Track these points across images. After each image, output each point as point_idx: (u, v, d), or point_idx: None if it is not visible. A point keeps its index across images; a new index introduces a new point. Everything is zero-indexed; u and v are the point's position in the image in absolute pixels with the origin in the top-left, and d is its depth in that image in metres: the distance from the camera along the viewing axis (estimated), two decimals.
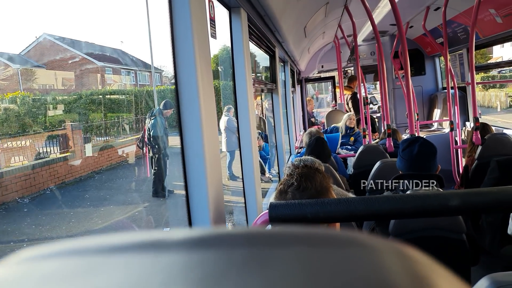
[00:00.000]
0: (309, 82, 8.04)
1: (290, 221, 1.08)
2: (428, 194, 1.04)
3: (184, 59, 1.15)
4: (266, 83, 3.44)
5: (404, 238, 1.87)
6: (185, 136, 1.17)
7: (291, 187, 1.14)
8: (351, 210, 1.06)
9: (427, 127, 6.76)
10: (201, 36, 1.20)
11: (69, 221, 6.36)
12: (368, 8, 3.50)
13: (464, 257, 1.86)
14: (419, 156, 2.04)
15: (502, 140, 3.33)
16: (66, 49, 14.24)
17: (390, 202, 1.05)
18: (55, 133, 8.94)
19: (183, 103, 1.16)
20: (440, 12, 4.56)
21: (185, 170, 1.19)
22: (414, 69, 7.02)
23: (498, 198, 0.98)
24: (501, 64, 6.45)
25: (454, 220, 1.82)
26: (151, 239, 0.18)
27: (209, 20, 1.52)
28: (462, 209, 1.01)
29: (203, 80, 1.19)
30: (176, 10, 1.13)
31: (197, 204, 1.20)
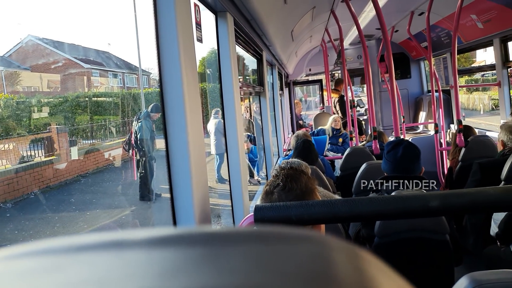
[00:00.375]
0: (297, 85, 8.10)
1: (275, 223, 1.10)
2: (408, 195, 1.06)
3: (169, 62, 1.15)
4: (253, 86, 3.45)
5: (389, 239, 1.90)
6: (170, 139, 1.17)
7: (276, 188, 1.15)
8: (334, 211, 1.07)
9: (413, 129, 6.87)
10: (186, 39, 1.21)
11: (54, 226, 6.26)
12: (354, 12, 3.55)
13: (448, 257, 1.90)
14: (403, 159, 2.08)
15: (484, 142, 3.40)
16: (52, 51, 14.05)
17: (373, 203, 1.07)
18: (40, 136, 8.80)
19: (168, 106, 1.17)
20: (424, 17, 4.65)
21: (170, 174, 1.19)
22: (400, 72, 7.13)
23: (475, 199, 1.01)
24: (483, 68, 6.58)
25: (438, 221, 1.86)
26: (115, 239, 0.19)
27: (195, 24, 1.53)
28: (442, 210, 1.03)
29: (189, 83, 1.19)
30: (161, 14, 1.14)
31: (182, 208, 1.20)
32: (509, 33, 4.04)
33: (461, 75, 7.83)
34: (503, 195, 1.00)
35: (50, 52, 14.06)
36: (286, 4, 2.66)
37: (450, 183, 3.54)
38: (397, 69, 7.03)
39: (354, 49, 7.25)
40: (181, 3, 1.17)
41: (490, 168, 2.65)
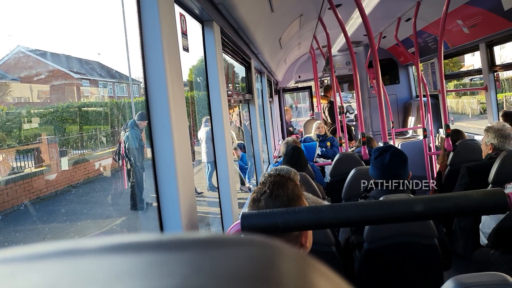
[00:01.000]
0: (286, 92, 8.14)
1: (261, 230, 1.10)
2: (394, 200, 1.07)
3: (154, 72, 1.16)
4: (242, 94, 3.47)
5: (378, 244, 1.91)
6: (156, 148, 1.17)
7: (263, 195, 1.15)
8: (320, 218, 1.08)
9: (403, 134, 6.93)
10: (171, 49, 1.22)
11: (44, 237, 6.18)
12: (341, 20, 3.59)
13: (436, 261, 1.91)
14: (391, 165, 2.10)
15: (472, 146, 3.45)
16: (41, 61, 13.97)
17: (358, 209, 1.08)
18: (30, 147, 8.71)
19: (154, 114, 1.17)
20: (411, 23, 4.72)
21: (156, 183, 1.19)
22: (389, 78, 7.21)
23: (458, 203, 1.02)
24: (471, 73, 6.68)
25: (425, 225, 1.87)
26: (68, 247, 0.21)
27: (181, 33, 1.54)
28: (426, 214, 1.04)
29: (174, 93, 1.20)
30: (146, 24, 1.15)
31: (169, 216, 1.20)
32: (495, 37, 4.11)
33: (450, 79, 7.94)
34: (485, 198, 1.02)
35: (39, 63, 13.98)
36: (273, 12, 2.69)
37: (439, 187, 3.57)
38: (386, 75, 7.11)
39: (342, 55, 7.32)
40: (165, 13, 1.18)
41: (477, 172, 2.68)
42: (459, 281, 1.06)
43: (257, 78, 5.11)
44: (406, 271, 1.93)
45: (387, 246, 1.90)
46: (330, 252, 1.89)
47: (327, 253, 1.88)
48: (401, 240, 1.89)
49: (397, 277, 1.95)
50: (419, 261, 1.91)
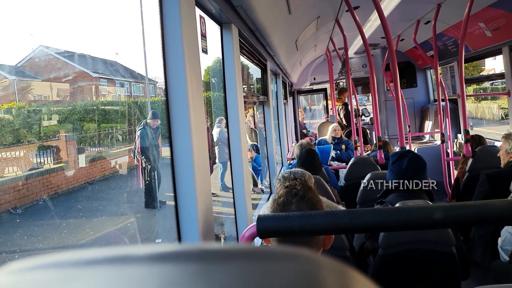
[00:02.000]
0: (301, 94, 8.11)
1: (277, 233, 1.09)
2: (412, 207, 1.06)
3: (174, 73, 1.17)
4: (257, 96, 3.47)
5: (393, 250, 1.88)
6: (175, 148, 1.18)
7: (295, 198, 1.13)
8: (337, 222, 1.07)
9: (419, 139, 6.82)
10: (192, 51, 1.23)
11: (61, 232, 6.30)
12: (359, 22, 3.56)
13: (454, 270, 1.87)
14: (408, 170, 2.06)
15: (492, 152, 3.37)
16: (62, 61, 14.26)
17: (375, 215, 1.06)
18: (49, 144, 8.90)
19: (173, 115, 1.18)
20: (430, 25, 4.64)
21: (175, 182, 1.20)
22: (406, 81, 7.12)
23: (480, 211, 1.00)
24: (492, 77, 6.54)
25: (443, 233, 1.83)
26: (118, 254, 0.21)
27: (200, 35, 1.55)
28: (446, 223, 1.02)
29: (193, 94, 1.21)
30: (167, 26, 1.16)
31: (186, 216, 1.21)
32: None
33: (470, 84, 7.79)
34: (508, 208, 0.99)
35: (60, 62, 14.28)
36: (290, 14, 2.68)
37: (457, 194, 3.50)
38: (403, 78, 7.01)
39: (359, 58, 7.26)
40: (186, 15, 1.19)
41: (498, 179, 2.62)
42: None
43: (272, 80, 5.11)
44: (422, 279, 1.90)
45: (402, 252, 1.87)
46: (344, 256, 1.87)
47: (341, 257, 1.86)
48: (417, 247, 1.86)
49: (412, 285, 1.92)
50: (435, 269, 1.88)
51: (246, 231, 1.14)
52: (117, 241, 5.96)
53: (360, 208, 2.89)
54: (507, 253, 2.12)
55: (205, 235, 1.26)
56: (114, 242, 5.92)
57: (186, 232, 1.21)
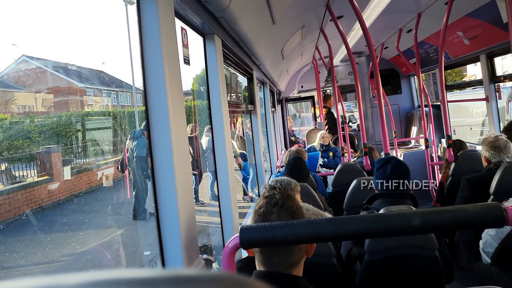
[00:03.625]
0: (289, 101, 8.17)
1: (260, 243, 1.10)
2: (392, 214, 1.08)
3: (154, 85, 1.17)
4: (244, 105, 3.49)
5: (379, 256, 1.90)
6: (155, 160, 1.18)
7: (275, 207, 1.14)
8: (319, 231, 1.08)
9: (405, 144, 6.92)
10: (172, 62, 1.23)
11: (45, 247, 6.17)
12: (342, 31, 3.62)
13: (438, 274, 1.90)
14: (392, 176, 2.09)
15: (474, 157, 3.43)
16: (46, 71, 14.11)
17: (356, 222, 1.08)
18: (32, 156, 8.76)
19: (153, 127, 1.18)
20: (412, 34, 4.74)
21: (155, 195, 1.20)
22: (391, 88, 7.23)
23: (456, 216, 1.02)
24: (472, 83, 6.68)
25: (427, 237, 1.86)
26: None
27: (182, 47, 1.56)
28: (424, 228, 1.04)
29: (174, 105, 1.21)
30: (146, 39, 1.16)
31: (168, 229, 1.21)
32: (495, 49, 4.13)
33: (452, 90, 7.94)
34: (482, 212, 1.02)
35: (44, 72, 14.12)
36: (275, 24, 2.72)
37: (441, 198, 3.55)
38: (388, 85, 7.13)
39: (345, 65, 7.36)
40: (165, 27, 1.20)
41: (477, 183, 2.67)
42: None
43: (260, 88, 5.14)
44: (407, 283, 1.92)
45: (388, 258, 1.89)
46: (331, 264, 1.88)
47: (328, 265, 1.87)
48: (402, 252, 1.88)
49: None
50: (420, 273, 1.90)
51: (229, 242, 1.14)
52: (104, 254, 5.87)
53: (348, 214, 2.92)
54: (488, 255, 2.15)
55: (188, 248, 1.25)
56: (100, 256, 5.82)
57: (168, 245, 1.21)
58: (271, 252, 1.12)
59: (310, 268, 1.80)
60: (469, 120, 9.18)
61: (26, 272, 5.47)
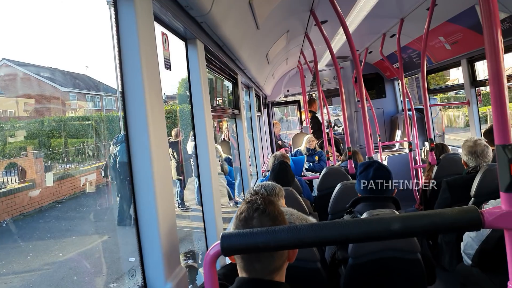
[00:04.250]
0: (275, 106, 8.19)
1: (241, 250, 1.09)
2: (372, 219, 1.08)
3: (132, 90, 1.15)
4: (228, 110, 3.48)
5: (363, 260, 1.91)
6: (134, 166, 1.16)
7: (256, 212, 1.13)
8: (300, 237, 1.07)
9: (390, 147, 6.99)
10: (151, 67, 1.22)
11: (27, 256, 6.03)
12: (326, 36, 3.65)
13: (420, 276, 1.91)
14: (374, 180, 2.11)
15: (455, 159, 3.49)
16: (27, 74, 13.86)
17: (337, 227, 1.08)
18: (13, 162, 8.56)
19: (132, 131, 1.16)
20: (395, 39, 4.81)
21: (135, 203, 1.18)
22: (375, 92, 7.32)
23: (434, 221, 1.03)
24: (455, 87, 6.81)
25: (409, 241, 1.88)
26: None
27: (163, 52, 1.54)
28: (403, 233, 1.05)
29: (153, 111, 1.20)
30: (125, 44, 1.15)
31: (148, 237, 1.19)
32: (476, 54, 4.21)
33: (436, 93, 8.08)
34: (460, 216, 1.03)
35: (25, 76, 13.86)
36: (259, 29, 2.72)
37: (425, 201, 3.60)
38: (373, 89, 7.22)
39: (330, 70, 7.42)
40: (144, 32, 1.19)
41: (457, 186, 2.71)
42: None
43: (246, 93, 5.14)
44: (391, 285, 1.93)
45: (371, 261, 1.90)
46: (315, 268, 1.88)
47: (312, 269, 1.87)
48: (385, 255, 1.89)
49: None
50: (403, 276, 1.91)
51: (210, 250, 1.12)
52: (88, 262, 5.76)
53: (332, 217, 2.93)
54: (469, 257, 2.18)
55: (169, 256, 1.24)
56: (84, 264, 5.71)
57: (148, 253, 1.19)
58: (252, 258, 1.12)
59: (295, 273, 1.80)
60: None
61: (7, 281, 5.33)
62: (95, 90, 15.91)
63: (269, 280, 1.13)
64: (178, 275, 1.27)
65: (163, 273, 1.19)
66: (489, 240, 2.06)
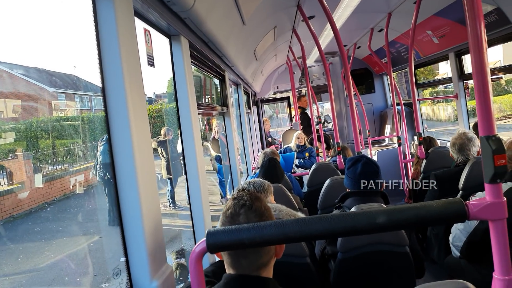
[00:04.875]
0: (265, 103, 8.18)
1: (227, 247, 1.08)
2: (357, 213, 1.08)
3: (113, 89, 1.13)
4: (216, 107, 3.46)
5: (352, 254, 1.92)
6: (117, 166, 1.15)
7: (243, 208, 1.13)
8: (285, 232, 1.07)
9: (379, 142, 7.03)
10: (132, 64, 1.20)
11: (17, 258, 5.96)
12: (314, 31, 3.64)
13: (409, 269, 1.93)
14: (362, 175, 2.12)
15: (444, 153, 3.52)
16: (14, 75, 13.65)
17: (322, 222, 1.08)
18: (1, 164, 8.44)
19: (114, 131, 1.14)
20: (383, 33, 4.83)
21: (119, 203, 1.16)
22: (365, 87, 7.35)
23: (419, 213, 1.03)
24: (443, 81, 6.86)
25: (397, 234, 1.89)
26: None
27: (146, 49, 1.52)
28: (389, 226, 1.05)
29: (135, 109, 1.18)
30: (104, 41, 1.13)
31: (133, 235, 1.17)
32: (463, 47, 4.24)
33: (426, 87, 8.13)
34: (444, 208, 1.03)
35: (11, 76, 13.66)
36: (245, 25, 2.70)
37: (414, 195, 3.62)
38: (362, 84, 7.24)
39: (319, 66, 7.42)
40: (124, 28, 1.17)
41: (445, 179, 2.73)
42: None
43: (235, 90, 5.12)
44: (380, 279, 1.94)
45: (360, 255, 1.91)
46: (305, 263, 1.88)
47: (302, 264, 1.87)
48: (374, 249, 1.90)
49: (371, 285, 1.95)
50: (392, 269, 1.93)
51: (196, 247, 1.12)
52: (80, 262, 5.72)
53: (322, 213, 2.93)
54: (457, 249, 2.20)
55: (154, 254, 1.22)
56: (75, 264, 5.67)
57: (133, 252, 1.18)
58: (239, 254, 1.11)
59: (284, 269, 1.80)
60: None
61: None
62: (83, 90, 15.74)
63: (256, 276, 1.12)
64: (164, 273, 1.26)
65: (148, 272, 1.18)
66: (476, 231, 2.08)
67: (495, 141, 1.07)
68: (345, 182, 2.27)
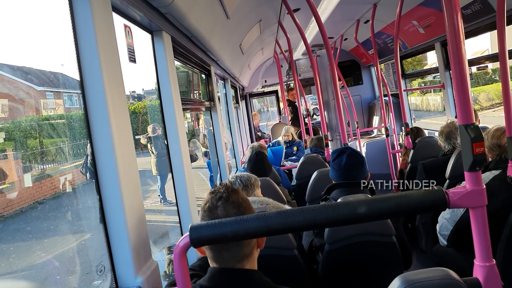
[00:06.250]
0: (253, 97, 8.17)
1: (210, 241, 1.09)
2: (338, 204, 1.09)
3: (92, 86, 1.13)
4: (204, 102, 3.44)
5: (339, 245, 1.93)
6: (98, 163, 1.14)
7: (220, 201, 1.13)
8: (268, 225, 1.08)
9: (368, 134, 7.07)
10: (110, 61, 1.19)
11: (9, 257, 5.91)
12: (299, 24, 3.63)
13: (396, 258, 1.95)
14: (347, 166, 2.13)
15: (431, 143, 3.55)
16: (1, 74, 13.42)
17: (304, 213, 1.09)
18: None
19: (94, 128, 1.14)
20: (369, 24, 4.83)
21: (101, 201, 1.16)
22: (353, 79, 7.37)
23: (400, 202, 1.05)
24: (430, 71, 6.90)
25: (384, 224, 1.91)
26: None
27: (127, 45, 1.51)
28: (370, 216, 1.06)
29: (115, 106, 1.17)
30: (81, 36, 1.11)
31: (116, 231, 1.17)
32: None
33: (415, 78, 8.18)
34: (425, 197, 1.05)
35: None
36: (229, 19, 2.69)
37: (402, 185, 3.65)
38: (350, 76, 7.26)
39: (307, 59, 7.42)
40: (102, 24, 1.15)
41: (433, 168, 2.77)
42: (404, 278, 1.08)
43: (222, 85, 5.09)
44: (368, 269, 1.96)
45: (347, 246, 1.93)
46: (292, 255, 1.89)
47: (289, 256, 1.88)
48: (361, 239, 1.92)
49: (359, 276, 1.98)
50: (379, 259, 1.95)
51: (179, 242, 1.12)
52: (72, 260, 5.69)
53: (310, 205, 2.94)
54: (444, 237, 2.24)
55: (138, 250, 1.22)
56: (67, 262, 5.64)
57: (117, 247, 1.18)
58: (220, 247, 1.12)
59: (272, 261, 1.81)
60: None
61: None
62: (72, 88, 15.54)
63: (240, 268, 1.13)
64: (149, 269, 1.26)
65: (132, 268, 1.18)
66: (463, 219, 2.11)
67: (473, 129, 1.09)
68: (330, 174, 2.28)
